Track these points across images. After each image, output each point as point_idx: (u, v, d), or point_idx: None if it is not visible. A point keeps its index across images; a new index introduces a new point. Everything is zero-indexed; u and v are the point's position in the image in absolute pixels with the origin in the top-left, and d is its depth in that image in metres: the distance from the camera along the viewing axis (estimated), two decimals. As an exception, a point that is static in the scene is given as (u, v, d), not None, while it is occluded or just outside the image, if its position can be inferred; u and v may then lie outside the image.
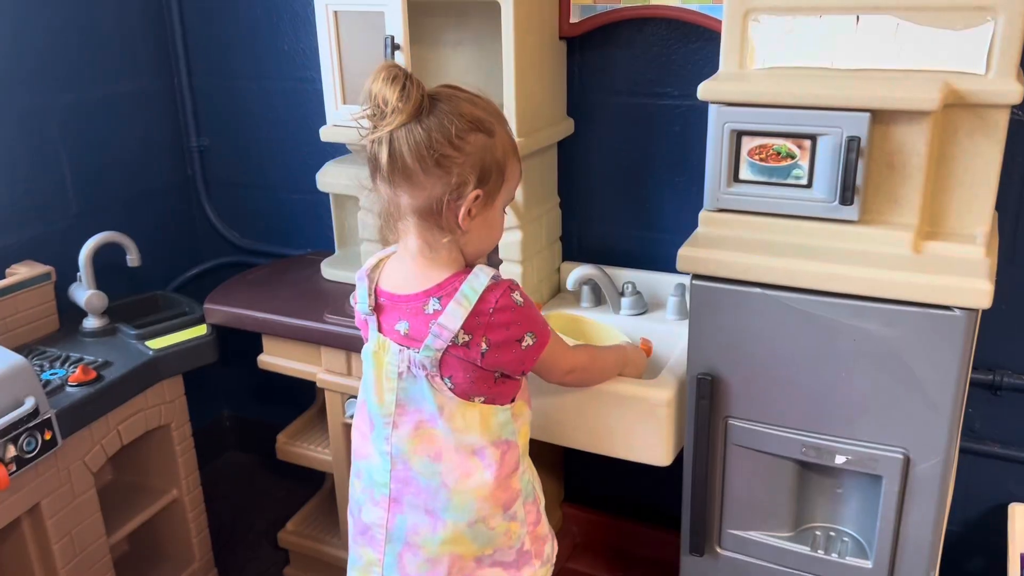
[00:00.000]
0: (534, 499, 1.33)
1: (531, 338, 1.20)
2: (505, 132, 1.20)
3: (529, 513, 1.32)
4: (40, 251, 1.94)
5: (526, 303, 1.20)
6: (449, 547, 1.25)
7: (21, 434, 1.44)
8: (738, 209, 1.36)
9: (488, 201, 1.18)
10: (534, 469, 1.35)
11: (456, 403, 1.20)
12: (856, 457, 1.32)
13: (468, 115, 1.14)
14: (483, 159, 1.15)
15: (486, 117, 1.16)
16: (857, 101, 1.23)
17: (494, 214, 1.21)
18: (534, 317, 1.21)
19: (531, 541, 1.32)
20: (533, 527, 1.33)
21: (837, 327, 1.27)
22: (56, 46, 1.97)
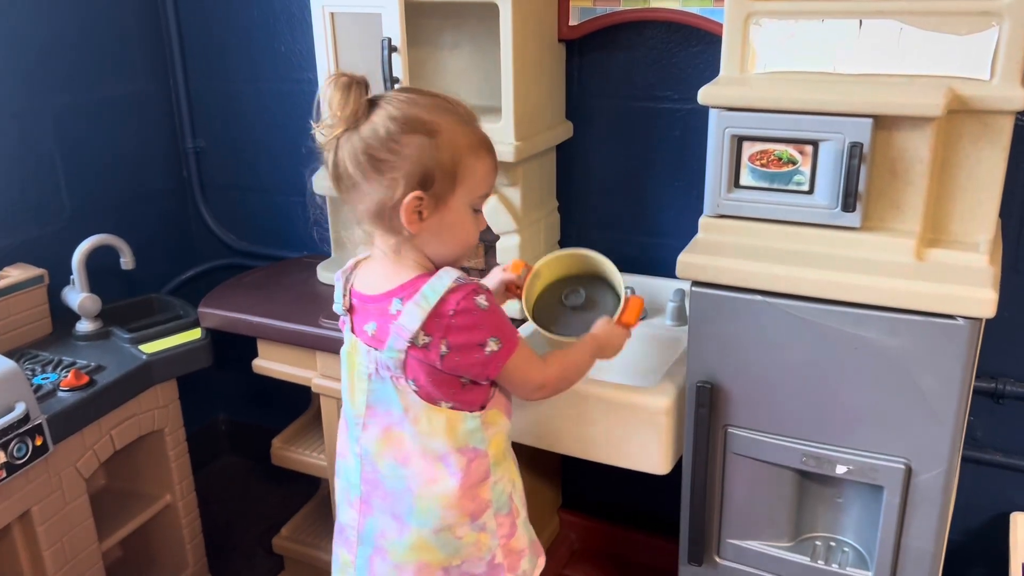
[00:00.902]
0: (509, 511, 1.28)
1: (495, 343, 1.15)
2: (458, 131, 1.14)
3: (501, 526, 1.26)
4: (33, 253, 1.92)
5: (491, 308, 1.16)
6: (415, 554, 1.23)
7: (11, 440, 1.42)
8: (739, 215, 1.34)
9: (438, 203, 1.14)
10: (517, 480, 1.30)
11: (422, 406, 1.18)
12: (857, 467, 1.30)
13: (404, 117, 1.12)
14: (422, 161, 1.11)
15: (427, 118, 1.12)
16: (860, 107, 1.21)
17: (453, 216, 1.16)
18: (499, 323, 1.17)
19: (504, 554, 1.27)
20: (506, 540, 1.27)
21: (838, 335, 1.25)
22: (51, 48, 1.95)
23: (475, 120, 1.19)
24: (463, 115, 1.17)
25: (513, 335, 1.18)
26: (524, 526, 1.32)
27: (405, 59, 1.60)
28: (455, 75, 1.82)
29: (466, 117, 1.17)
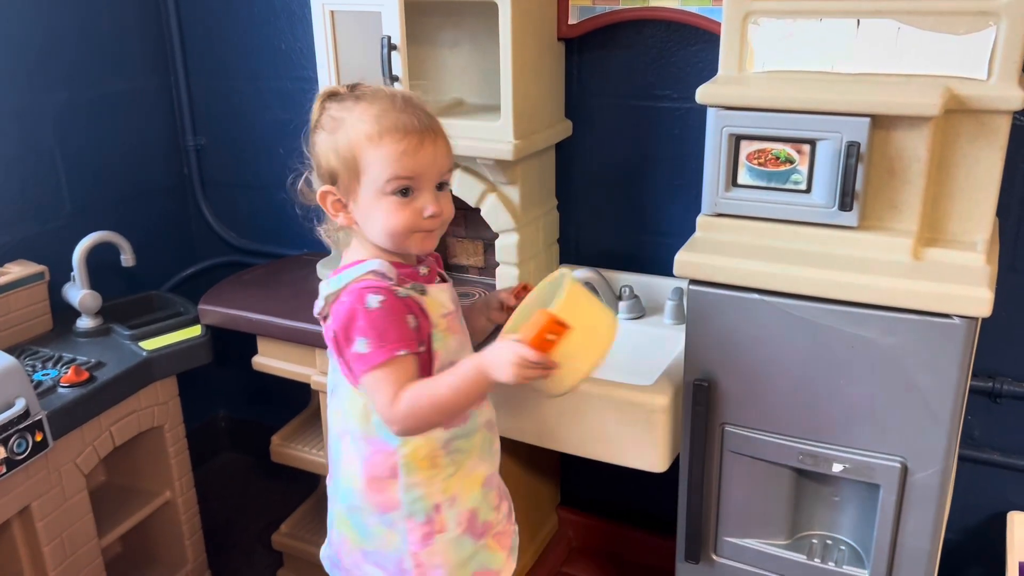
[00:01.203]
0: (427, 521, 1.23)
1: (363, 346, 1.13)
2: (361, 122, 1.14)
3: (412, 532, 1.23)
4: (34, 250, 1.93)
5: (379, 312, 1.13)
6: (339, 527, 1.30)
7: (11, 435, 1.43)
8: (736, 214, 1.34)
9: (349, 195, 1.17)
10: (462, 498, 1.24)
11: (346, 385, 1.22)
12: (853, 465, 1.31)
13: (319, 116, 1.19)
14: (327, 157, 1.18)
15: (336, 114, 1.17)
16: (857, 106, 1.22)
17: (366, 205, 1.16)
18: (380, 330, 1.12)
19: (413, 563, 1.24)
20: (417, 548, 1.23)
21: (835, 334, 1.26)
22: (52, 44, 1.95)
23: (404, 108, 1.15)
24: (384, 105, 1.15)
25: (392, 346, 1.12)
26: (453, 544, 1.25)
27: (404, 57, 1.60)
28: (454, 73, 1.83)
29: (390, 106, 1.15)
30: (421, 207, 1.16)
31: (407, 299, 1.17)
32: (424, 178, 1.16)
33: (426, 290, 1.21)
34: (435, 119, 1.19)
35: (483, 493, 1.27)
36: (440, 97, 1.82)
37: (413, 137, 1.14)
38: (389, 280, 1.17)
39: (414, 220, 1.16)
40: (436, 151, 1.16)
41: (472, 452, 1.25)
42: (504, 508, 1.33)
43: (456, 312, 1.26)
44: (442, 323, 1.21)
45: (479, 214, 1.76)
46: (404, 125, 1.14)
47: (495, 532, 1.29)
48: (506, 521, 1.33)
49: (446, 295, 1.24)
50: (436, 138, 1.17)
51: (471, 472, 1.26)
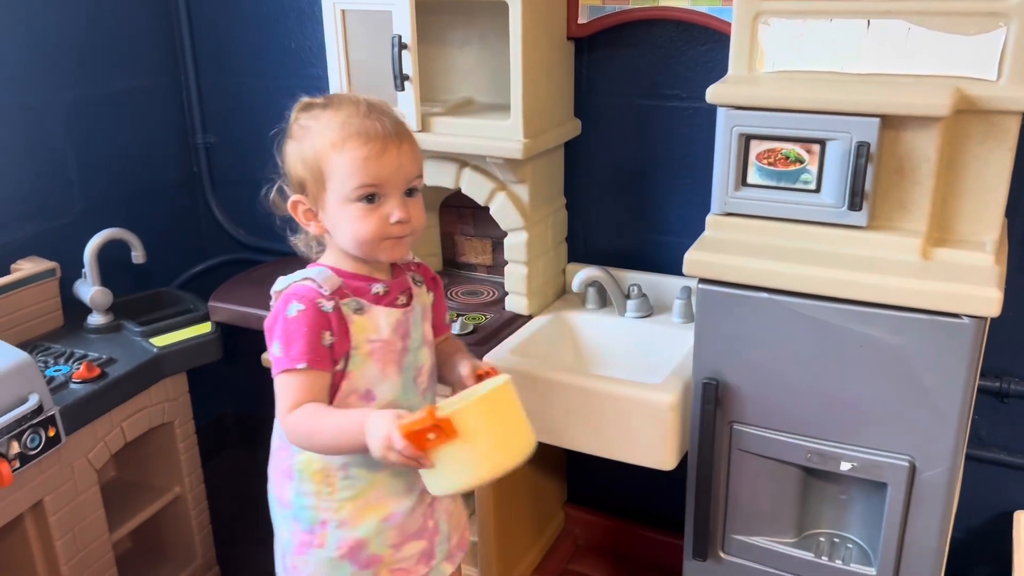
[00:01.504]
0: (309, 531, 1.23)
1: (276, 349, 1.14)
2: (326, 130, 1.14)
3: (294, 535, 1.25)
4: (45, 247, 1.94)
5: (295, 320, 1.13)
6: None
7: (25, 431, 1.44)
8: (746, 213, 1.35)
9: (317, 203, 1.18)
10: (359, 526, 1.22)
11: None
12: (861, 464, 1.32)
13: (288, 128, 1.20)
14: (294, 166, 1.18)
15: (304, 122, 1.18)
16: (867, 106, 1.22)
17: (334, 213, 1.16)
18: (290, 336, 1.13)
19: (290, 564, 1.26)
20: (295, 552, 1.25)
21: (844, 333, 1.26)
22: (63, 43, 1.97)
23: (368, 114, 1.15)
24: (350, 112, 1.15)
25: (295, 358, 1.13)
26: (328, 565, 1.23)
27: (415, 56, 1.61)
28: (464, 73, 1.83)
29: (355, 112, 1.15)
30: (387, 213, 1.14)
31: (330, 314, 1.14)
32: (389, 184, 1.14)
33: (364, 309, 1.18)
34: (402, 125, 1.18)
35: (380, 528, 1.23)
36: (449, 96, 1.83)
37: (376, 143, 1.13)
38: (321, 290, 1.15)
39: (381, 227, 1.15)
40: (401, 156, 1.15)
41: (376, 484, 1.22)
42: (410, 549, 1.27)
43: (392, 342, 1.20)
44: (364, 347, 1.17)
45: (487, 213, 1.77)
46: (367, 131, 1.13)
47: (392, 567, 1.26)
48: (411, 561, 1.28)
49: (387, 321, 1.19)
50: (401, 144, 1.15)
51: (373, 503, 1.23)
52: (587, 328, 1.77)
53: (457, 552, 1.36)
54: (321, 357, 1.14)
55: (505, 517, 1.81)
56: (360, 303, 1.18)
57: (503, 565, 1.83)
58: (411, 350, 1.23)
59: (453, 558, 1.35)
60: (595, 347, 1.77)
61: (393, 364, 1.21)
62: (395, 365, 1.21)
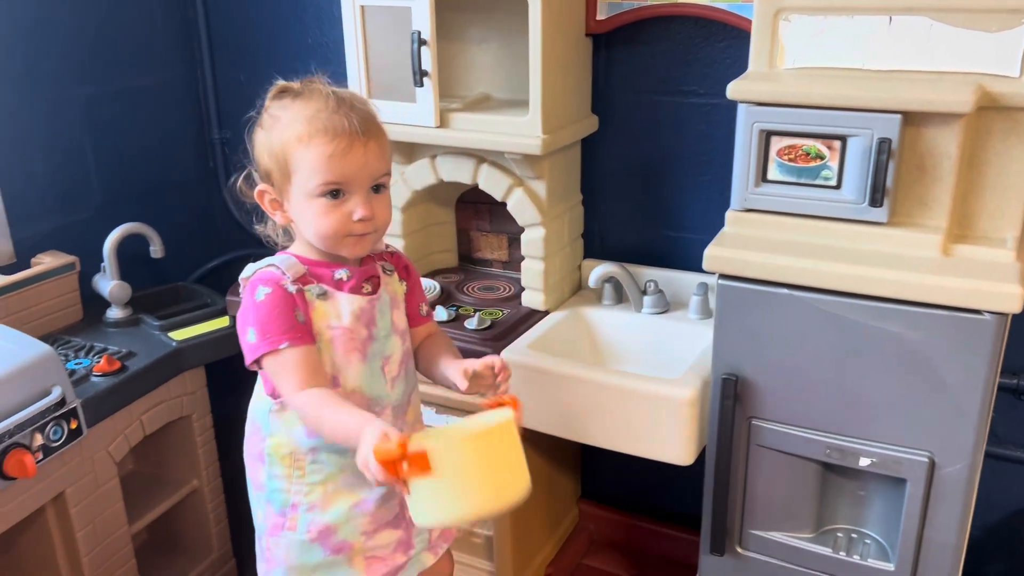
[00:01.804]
0: (280, 513, 1.25)
1: (252, 335, 1.16)
2: (294, 122, 1.14)
3: (268, 518, 1.27)
4: (64, 241, 1.95)
5: (264, 303, 1.15)
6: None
7: (48, 423, 1.45)
8: (766, 209, 1.36)
9: (282, 194, 1.19)
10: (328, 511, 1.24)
11: None
12: (880, 460, 1.32)
13: (260, 115, 1.21)
14: (261, 156, 1.20)
15: (275, 112, 1.18)
16: (889, 103, 1.23)
17: (297, 206, 1.17)
18: (264, 320, 1.14)
19: (265, 546, 1.30)
20: (272, 531, 1.28)
21: (864, 329, 1.27)
22: (83, 39, 1.98)
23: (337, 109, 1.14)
24: (319, 106, 1.14)
25: (275, 338, 1.14)
26: (298, 547, 1.25)
27: (434, 53, 1.62)
28: (481, 69, 1.84)
29: (323, 106, 1.14)
30: (351, 211, 1.15)
31: (295, 295, 1.16)
32: (354, 182, 1.15)
33: (327, 295, 1.19)
34: (371, 121, 1.17)
35: (349, 514, 1.24)
36: (467, 92, 1.84)
37: (342, 140, 1.13)
38: (285, 275, 1.16)
39: (343, 223, 1.15)
40: (367, 154, 1.14)
41: (345, 469, 1.22)
42: (384, 538, 1.28)
43: (355, 329, 1.20)
44: (326, 333, 1.18)
45: (503, 208, 1.78)
46: (334, 127, 1.13)
47: (366, 555, 1.27)
48: (387, 550, 1.28)
49: (349, 308, 1.20)
50: (368, 141, 1.15)
51: (341, 489, 1.24)
52: (603, 324, 1.78)
53: (440, 543, 1.37)
54: (301, 333, 1.16)
55: (520, 512, 1.80)
56: (323, 288, 1.19)
57: (518, 560, 1.84)
58: (377, 339, 1.23)
59: (435, 548, 1.36)
60: (611, 343, 1.77)
61: (356, 352, 1.21)
62: (358, 353, 1.21)
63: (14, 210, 1.86)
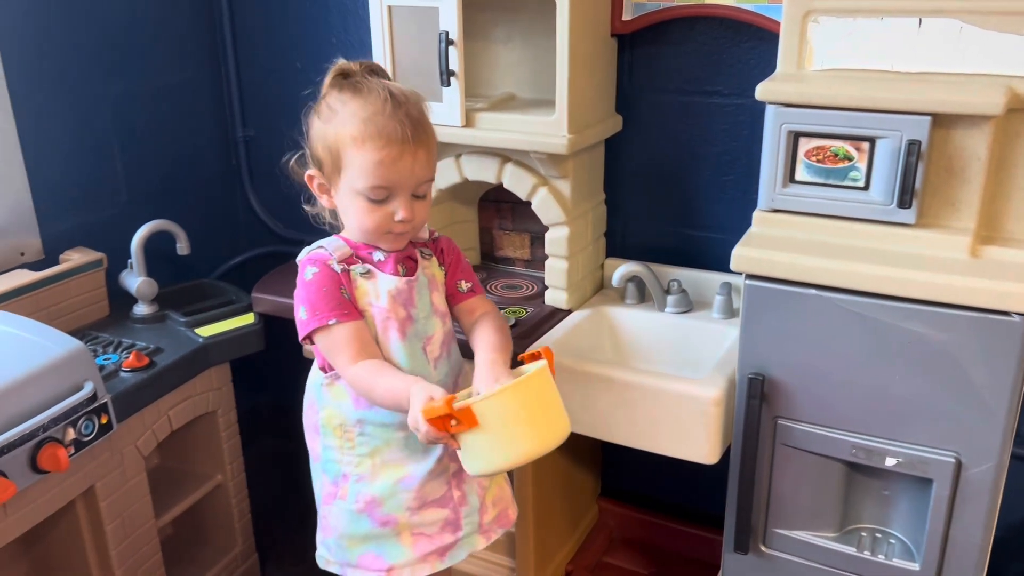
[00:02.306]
0: (333, 482, 1.33)
1: (303, 312, 1.23)
2: (352, 120, 1.19)
3: (324, 486, 1.34)
4: (90, 237, 1.97)
5: (312, 282, 1.23)
6: None
7: (80, 417, 1.47)
8: (793, 210, 1.36)
9: (331, 184, 1.26)
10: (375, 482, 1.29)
11: None
12: (907, 460, 1.32)
13: (320, 101, 1.25)
14: (315, 144, 1.25)
15: (333, 104, 1.22)
16: (918, 105, 1.23)
17: (342, 199, 1.25)
18: (313, 298, 1.22)
19: (321, 515, 1.36)
20: (326, 499, 1.34)
21: (891, 330, 1.27)
22: (110, 37, 2.00)
23: (393, 114, 1.18)
24: (376, 108, 1.19)
25: (323, 315, 1.21)
26: (348, 516, 1.31)
27: (461, 52, 1.63)
28: (506, 68, 1.85)
29: (380, 109, 1.18)
30: (393, 212, 1.22)
31: (340, 275, 1.23)
32: (399, 187, 1.21)
33: (371, 274, 1.25)
34: (424, 126, 1.22)
35: (394, 489, 1.29)
36: (492, 92, 1.85)
37: (393, 148, 1.18)
38: (330, 255, 1.24)
39: (384, 222, 1.23)
40: (415, 163, 1.20)
41: (392, 444, 1.28)
42: (431, 516, 1.31)
43: (393, 309, 1.24)
44: (368, 311, 1.25)
45: (526, 207, 1.79)
46: (388, 134, 1.18)
47: (413, 531, 1.31)
48: (434, 528, 1.32)
49: (385, 288, 1.25)
50: (417, 150, 1.20)
51: (388, 463, 1.29)
52: (626, 323, 1.79)
53: (495, 527, 1.40)
54: (348, 309, 1.23)
55: (542, 510, 1.83)
56: (367, 268, 1.26)
57: (540, 557, 1.85)
58: (417, 319, 1.28)
59: (489, 533, 1.39)
60: (634, 342, 1.78)
61: (395, 331, 1.26)
62: (398, 332, 1.26)
63: (43, 207, 1.88)
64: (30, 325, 1.52)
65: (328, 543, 1.36)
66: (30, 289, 1.73)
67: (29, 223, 1.86)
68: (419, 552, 1.31)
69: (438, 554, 1.33)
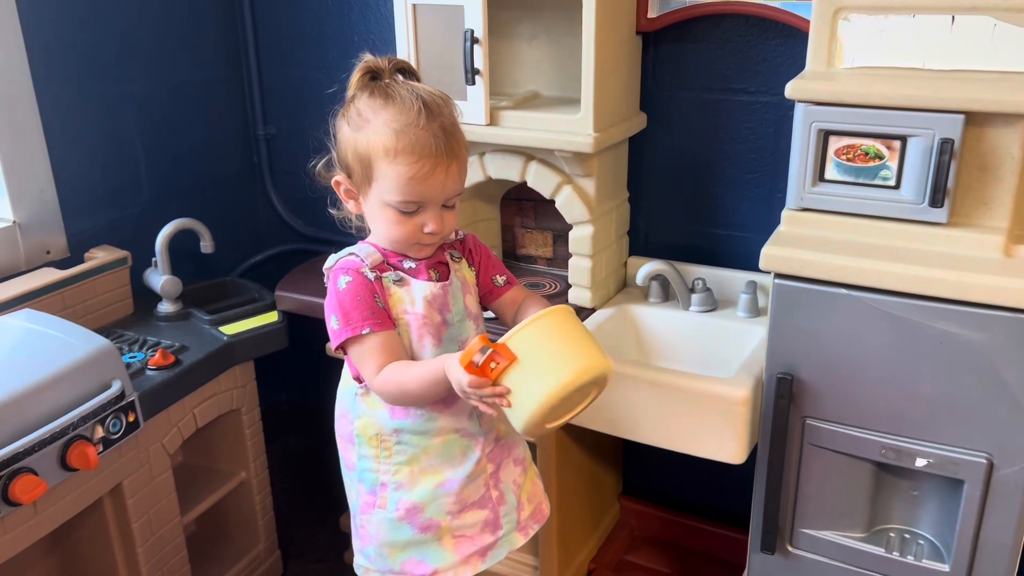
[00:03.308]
0: (370, 491, 1.30)
1: (335, 322, 1.21)
2: (385, 131, 1.15)
3: (361, 496, 1.32)
4: (113, 236, 1.98)
5: (345, 291, 1.20)
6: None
7: (108, 415, 1.48)
8: (823, 209, 1.35)
9: (361, 192, 1.23)
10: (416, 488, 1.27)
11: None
12: (937, 460, 1.32)
13: (350, 104, 1.22)
14: (344, 149, 1.22)
15: (365, 110, 1.19)
16: (951, 103, 1.22)
17: (372, 208, 1.22)
18: (346, 308, 1.20)
19: (359, 524, 1.34)
20: (364, 509, 1.32)
21: (923, 330, 1.27)
22: (132, 35, 2.00)
23: (427, 126, 1.15)
24: (408, 119, 1.15)
25: (356, 324, 1.19)
26: (388, 524, 1.29)
27: (486, 51, 1.63)
28: (530, 66, 1.84)
29: (413, 120, 1.15)
30: (422, 223, 1.20)
31: (374, 282, 1.21)
32: (430, 201, 1.19)
33: (404, 281, 1.24)
34: (456, 136, 1.19)
35: (434, 494, 1.28)
36: (515, 90, 1.85)
37: (427, 162, 1.16)
38: (363, 262, 1.22)
39: (413, 234, 1.21)
40: (447, 178, 1.18)
41: (430, 451, 1.27)
42: (471, 518, 1.31)
43: (428, 315, 1.23)
44: (402, 318, 1.23)
45: (548, 205, 1.79)
46: (421, 148, 1.15)
47: (454, 534, 1.30)
48: (475, 529, 1.31)
49: (421, 294, 1.24)
50: (450, 164, 1.18)
51: (427, 469, 1.28)
52: (651, 321, 1.78)
53: (531, 524, 1.40)
54: (382, 319, 1.21)
55: (565, 509, 1.82)
56: (399, 275, 1.24)
57: (563, 556, 1.85)
58: (452, 324, 1.27)
59: (525, 529, 1.39)
60: (659, 341, 1.78)
61: (431, 336, 1.25)
62: (434, 338, 1.25)
63: (68, 205, 1.89)
64: (58, 324, 1.53)
65: (367, 552, 1.34)
66: (56, 287, 1.74)
67: (55, 221, 1.87)
68: (461, 554, 1.31)
69: (479, 555, 1.33)
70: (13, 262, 1.80)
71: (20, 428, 1.34)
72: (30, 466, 1.34)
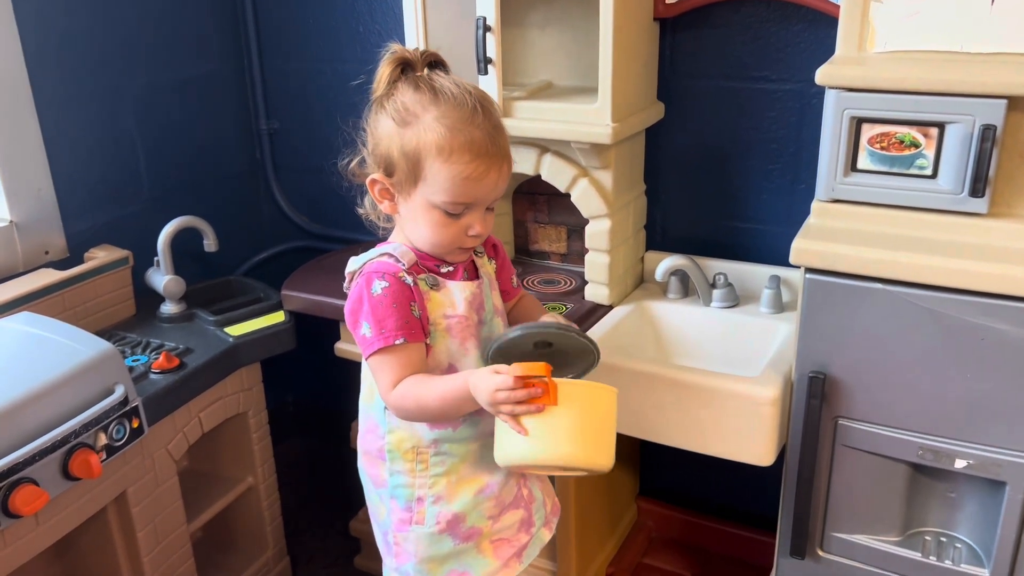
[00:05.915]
0: (407, 508, 1.24)
1: (367, 329, 1.14)
2: (436, 128, 1.09)
3: (394, 513, 1.25)
4: (114, 235, 1.93)
5: (381, 298, 1.12)
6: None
7: (111, 422, 1.42)
8: (855, 200, 1.30)
9: (402, 192, 1.15)
10: (453, 501, 1.23)
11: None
12: (978, 462, 1.26)
13: (393, 98, 1.13)
14: (387, 146, 1.14)
15: (411, 105, 1.11)
16: (993, 87, 1.16)
17: (414, 209, 1.15)
18: (381, 316, 1.12)
19: (393, 541, 1.27)
20: (396, 529, 1.26)
21: (963, 325, 1.21)
22: (132, 30, 1.94)
23: (481, 124, 1.10)
24: (463, 116, 1.10)
25: (390, 333, 1.12)
26: (428, 539, 1.24)
27: (499, 39, 1.57)
28: (542, 55, 1.79)
29: (468, 117, 1.10)
30: (468, 225, 1.15)
31: (412, 287, 1.15)
32: (479, 202, 1.14)
33: (439, 284, 1.18)
34: (504, 134, 1.15)
35: (475, 501, 1.23)
36: (527, 79, 1.79)
37: (482, 163, 1.10)
38: (400, 265, 1.15)
39: (458, 237, 1.15)
40: (499, 179, 1.13)
41: (467, 458, 1.22)
42: (509, 519, 1.27)
43: (468, 316, 1.19)
44: (442, 323, 1.17)
45: (562, 200, 1.73)
46: (476, 147, 1.10)
47: (492, 539, 1.26)
48: (512, 531, 1.28)
49: (461, 295, 1.19)
50: (502, 164, 1.13)
51: (465, 477, 1.23)
52: (671, 318, 1.73)
53: (552, 518, 1.37)
54: (415, 329, 1.14)
55: (583, 511, 1.77)
56: (435, 279, 1.18)
57: (581, 559, 1.80)
58: (485, 322, 1.23)
59: (550, 524, 1.36)
60: (680, 338, 1.72)
61: (472, 338, 1.20)
62: (473, 339, 1.21)
63: (67, 204, 1.83)
64: (58, 327, 1.48)
65: (405, 570, 1.27)
66: (56, 289, 1.68)
67: (53, 220, 1.81)
68: (501, 558, 1.27)
69: (517, 556, 1.29)
70: (10, 263, 1.74)
71: (20, 437, 1.29)
72: (31, 476, 1.29)
